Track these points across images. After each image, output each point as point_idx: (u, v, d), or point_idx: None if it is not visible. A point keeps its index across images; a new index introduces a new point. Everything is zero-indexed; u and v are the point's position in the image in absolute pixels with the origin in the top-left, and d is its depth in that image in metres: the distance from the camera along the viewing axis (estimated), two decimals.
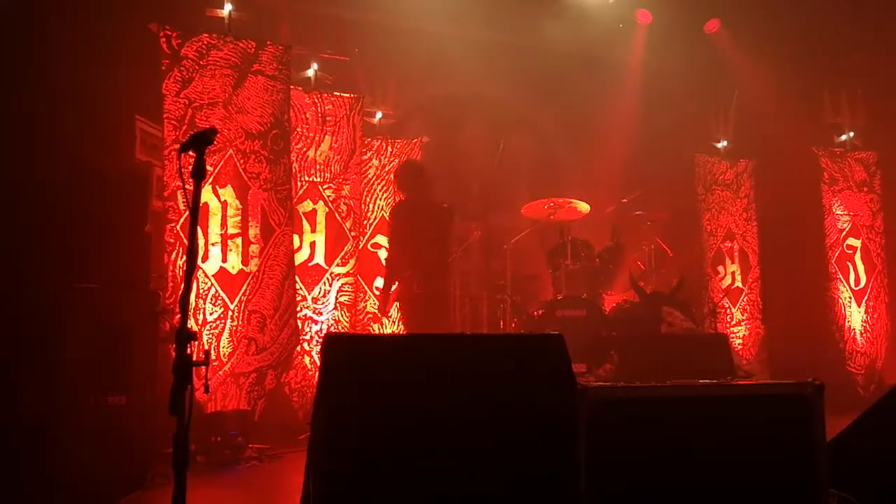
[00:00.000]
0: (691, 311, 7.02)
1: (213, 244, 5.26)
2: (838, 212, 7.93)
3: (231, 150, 5.34)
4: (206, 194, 5.24)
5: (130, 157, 5.31)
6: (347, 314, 6.10)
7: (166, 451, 3.23)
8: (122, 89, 5.14)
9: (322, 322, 5.98)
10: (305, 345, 5.87)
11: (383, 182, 6.72)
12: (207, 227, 5.26)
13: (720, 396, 2.99)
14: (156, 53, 5.12)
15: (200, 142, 2.37)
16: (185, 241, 4.78)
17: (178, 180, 4.91)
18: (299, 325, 5.74)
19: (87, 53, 4.83)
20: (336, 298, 6.06)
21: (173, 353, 2.31)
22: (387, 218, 6.66)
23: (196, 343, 2.45)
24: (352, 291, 6.15)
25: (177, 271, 4.99)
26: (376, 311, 6.47)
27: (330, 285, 6.06)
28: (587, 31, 7.77)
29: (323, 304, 6.01)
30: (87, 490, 3.59)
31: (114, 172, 4.86)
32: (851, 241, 7.96)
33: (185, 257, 3.86)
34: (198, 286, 5.15)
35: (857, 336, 7.80)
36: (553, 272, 6.84)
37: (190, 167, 2.45)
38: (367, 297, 6.52)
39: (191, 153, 2.46)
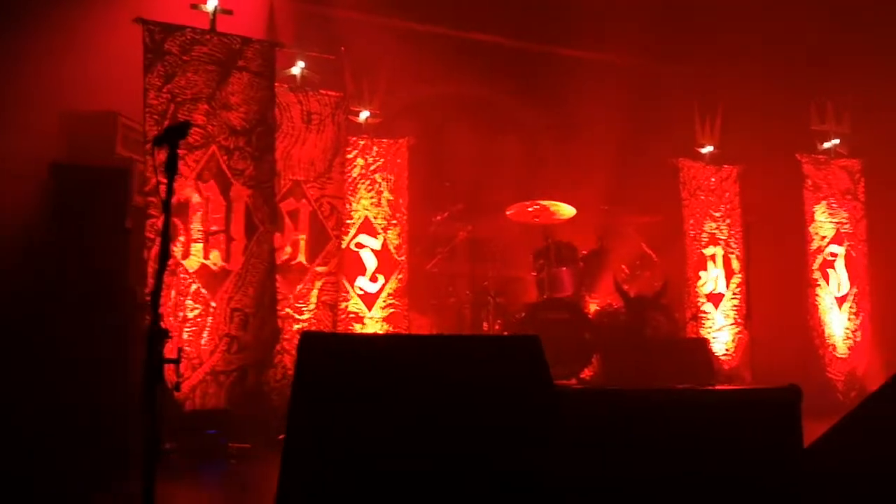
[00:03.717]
0: (674, 316, 7.04)
1: (194, 240, 5.22)
2: (821, 219, 7.96)
3: (214, 147, 5.30)
4: (189, 190, 5.19)
5: (112, 153, 5.26)
6: (329, 314, 6.06)
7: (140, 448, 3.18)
8: (103, 84, 5.10)
9: (303, 321, 5.94)
10: (286, 344, 5.83)
11: (367, 182, 6.68)
12: (190, 223, 5.21)
13: (700, 401, 2.99)
14: (138, 47, 5.07)
15: (174, 135, 2.34)
16: None
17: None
18: (280, 323, 5.71)
19: (68, 47, 4.79)
20: (318, 298, 6.03)
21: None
22: (371, 218, 6.65)
23: (169, 340, 2.43)
24: (334, 291, 6.11)
25: (156, 267, 4.93)
26: (358, 311, 6.47)
27: (312, 284, 6.02)
28: (574, 31, 7.76)
29: (304, 303, 5.97)
30: (59, 487, 3.55)
31: (95, 167, 4.82)
32: (834, 248, 7.98)
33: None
34: (178, 283, 5.10)
35: (839, 342, 7.83)
36: (537, 274, 6.84)
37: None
38: (349, 297, 6.48)
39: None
